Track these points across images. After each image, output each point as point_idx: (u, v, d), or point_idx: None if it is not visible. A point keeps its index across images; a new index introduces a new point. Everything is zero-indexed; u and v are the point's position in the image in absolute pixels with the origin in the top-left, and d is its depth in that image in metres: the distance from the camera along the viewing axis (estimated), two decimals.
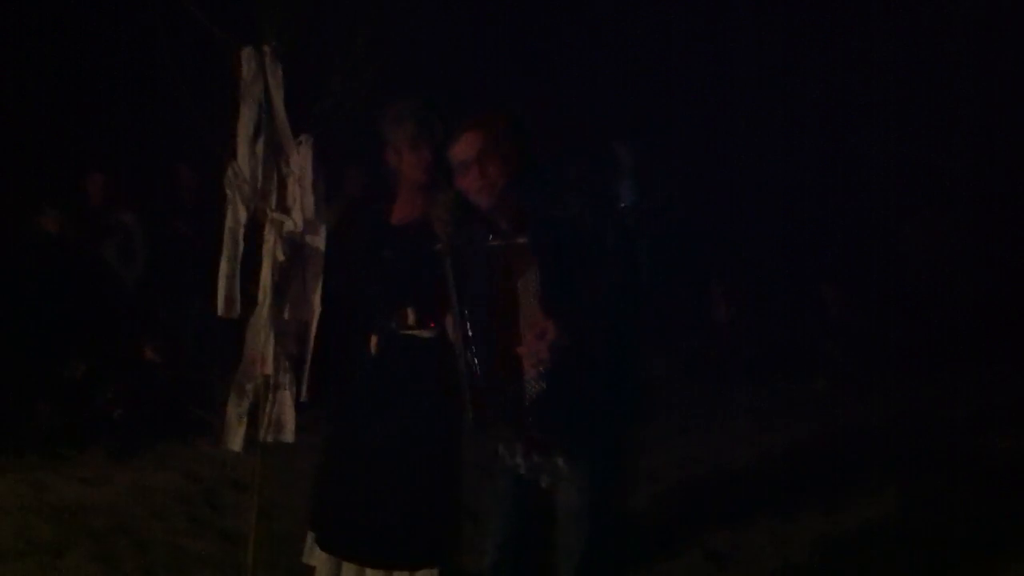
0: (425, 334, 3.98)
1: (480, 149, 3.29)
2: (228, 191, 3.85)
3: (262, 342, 3.72)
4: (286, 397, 3.76)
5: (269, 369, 3.72)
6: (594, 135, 9.21)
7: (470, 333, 3.28)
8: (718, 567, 4.90)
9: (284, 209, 3.80)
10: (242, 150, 3.82)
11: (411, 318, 3.97)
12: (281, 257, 3.73)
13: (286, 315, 3.75)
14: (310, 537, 4.15)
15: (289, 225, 3.78)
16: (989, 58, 10.14)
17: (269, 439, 3.79)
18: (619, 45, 10.56)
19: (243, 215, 3.82)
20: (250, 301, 3.77)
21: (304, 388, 3.74)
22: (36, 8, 8.45)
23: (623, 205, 7.83)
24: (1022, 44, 9.87)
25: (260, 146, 3.77)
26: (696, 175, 10.33)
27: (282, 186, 3.82)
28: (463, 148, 3.33)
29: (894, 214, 10.38)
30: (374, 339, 4.07)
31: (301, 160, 3.77)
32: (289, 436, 3.79)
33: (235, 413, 3.72)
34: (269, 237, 3.78)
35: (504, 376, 3.18)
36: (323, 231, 3.76)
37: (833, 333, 8.99)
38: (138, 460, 6.26)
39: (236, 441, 3.74)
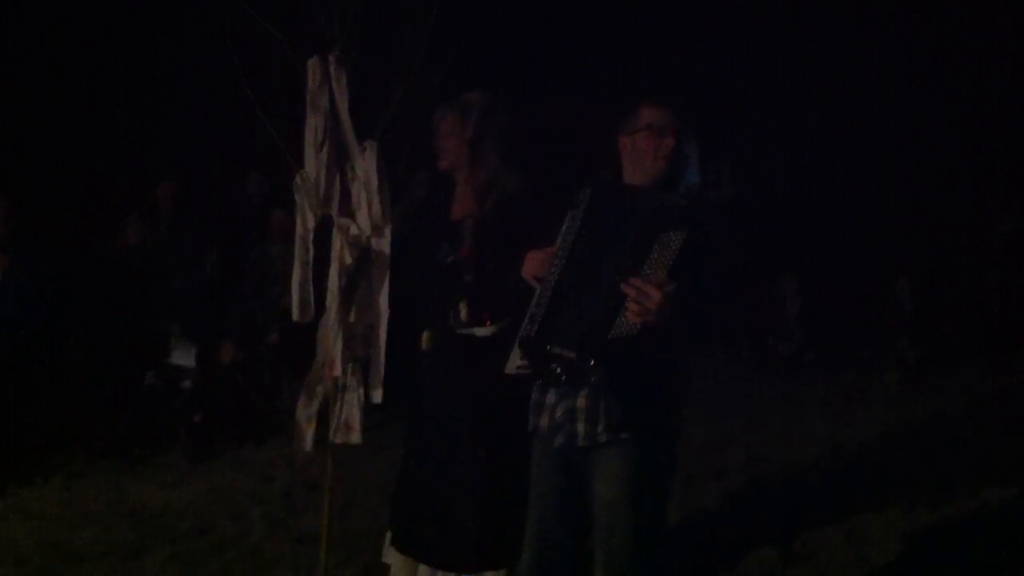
0: (480, 332, 3.97)
1: (673, 118, 3.41)
2: (297, 198, 3.94)
3: (331, 345, 3.78)
4: (354, 399, 3.83)
5: (338, 371, 3.79)
6: None
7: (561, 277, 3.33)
8: (795, 566, 4.86)
9: (350, 214, 3.87)
10: (309, 157, 3.90)
11: (464, 312, 3.97)
12: (348, 261, 3.80)
13: (353, 318, 3.82)
14: (388, 535, 4.20)
15: (355, 229, 3.84)
16: None
17: (338, 440, 3.86)
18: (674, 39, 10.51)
19: (311, 221, 3.90)
20: (321, 305, 3.84)
21: (376, 390, 3.80)
22: (97, 23, 8.63)
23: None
24: None
25: (326, 153, 3.84)
26: (767, 166, 10.26)
27: (348, 191, 3.89)
28: (660, 114, 3.42)
29: (967, 206, 10.21)
30: (426, 335, 4.08)
31: (366, 165, 3.83)
32: (357, 437, 3.86)
33: (305, 415, 3.79)
34: (336, 242, 3.85)
35: (597, 306, 3.24)
36: (389, 234, 3.81)
37: (905, 326, 8.87)
38: (215, 463, 6.37)
39: (307, 442, 3.81)
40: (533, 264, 3.45)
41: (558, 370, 3.35)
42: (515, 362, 3.44)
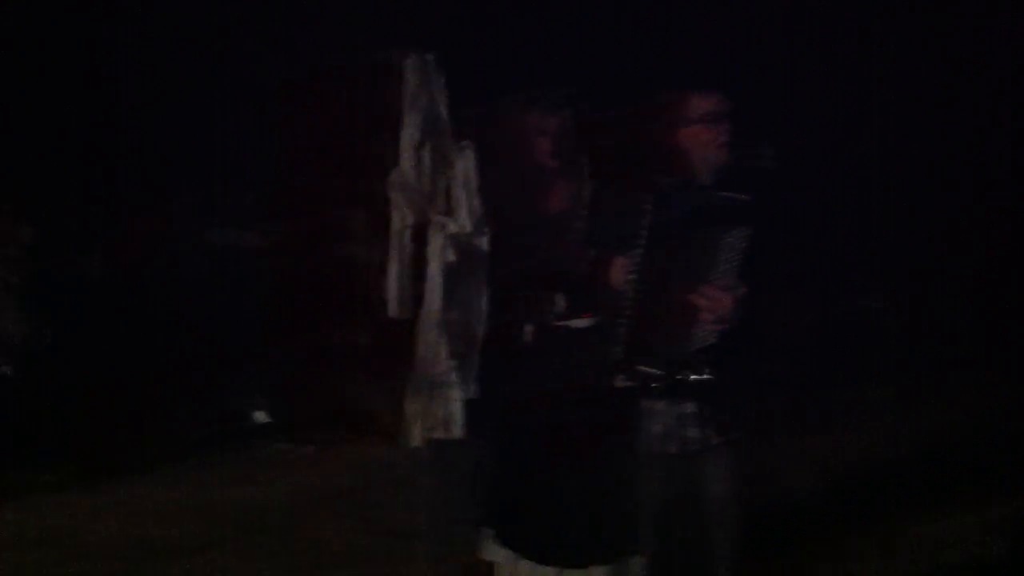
0: (577, 323, 3.98)
1: (724, 106, 3.40)
2: (393, 195, 3.99)
3: (431, 341, 3.83)
4: (454, 394, 3.87)
5: (438, 367, 3.83)
6: None
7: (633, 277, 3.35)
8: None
9: (448, 212, 3.92)
10: (407, 156, 3.95)
11: (560, 304, 3.99)
12: (447, 259, 3.84)
13: (453, 315, 3.86)
14: (485, 531, 4.22)
15: (453, 227, 3.89)
16: None
17: (438, 436, 3.90)
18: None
19: (409, 218, 3.95)
20: (418, 302, 3.88)
21: (472, 385, 3.83)
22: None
23: None
24: None
25: (425, 152, 3.89)
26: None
27: (445, 190, 3.94)
28: (708, 103, 3.41)
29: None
30: (528, 329, 4.10)
31: (464, 164, 3.88)
32: (457, 432, 3.90)
33: (410, 410, 3.84)
34: (435, 240, 3.89)
35: (672, 322, 3.26)
36: (488, 232, 3.85)
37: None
38: (295, 462, 6.43)
39: (413, 438, 3.86)
40: (615, 271, 3.48)
41: (655, 385, 3.39)
42: (618, 379, 3.49)
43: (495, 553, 4.15)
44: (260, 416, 6.55)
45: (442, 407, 3.92)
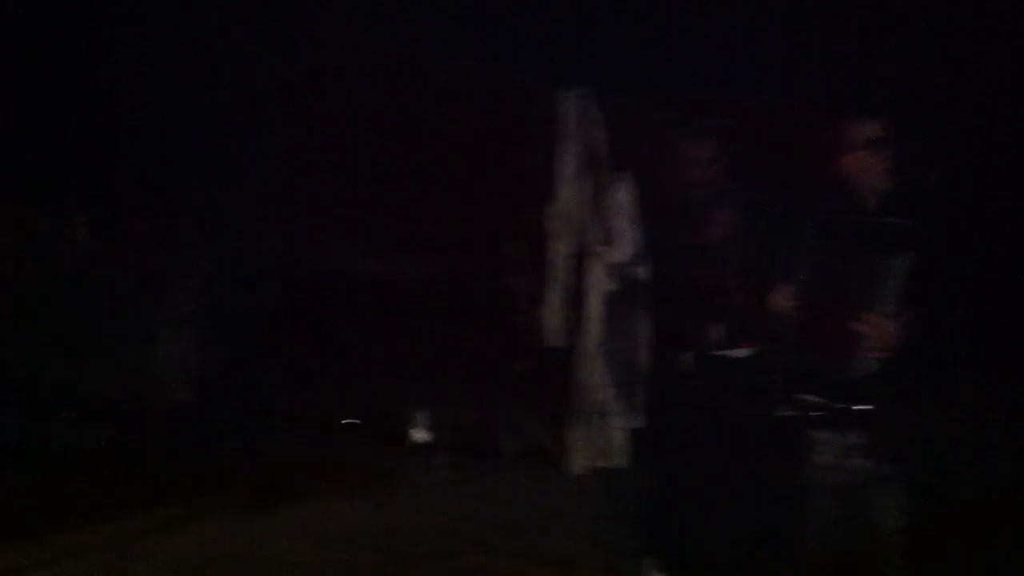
0: (736, 353, 3.99)
1: (885, 135, 3.37)
2: (551, 226, 4.06)
3: (593, 370, 3.88)
4: (616, 423, 3.90)
5: (600, 396, 3.88)
6: None
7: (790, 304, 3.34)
8: None
9: (607, 242, 3.97)
10: (565, 187, 4.02)
11: (720, 334, 4.00)
12: (608, 288, 3.89)
13: (615, 344, 3.90)
14: (650, 561, 4.23)
15: (613, 257, 3.94)
16: None
17: (600, 464, 3.94)
18: None
19: (567, 248, 4.01)
20: (578, 331, 3.94)
21: (637, 414, 3.87)
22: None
23: None
24: None
25: (583, 183, 3.96)
26: None
27: (605, 221, 4.00)
28: (874, 128, 3.39)
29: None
30: (682, 357, 4.12)
31: (622, 195, 3.93)
32: (619, 461, 3.93)
33: (573, 438, 3.89)
34: (595, 269, 3.95)
35: (834, 350, 3.23)
36: (647, 262, 3.89)
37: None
38: (449, 490, 6.47)
39: (575, 465, 3.91)
40: (775, 299, 3.48)
41: (820, 414, 3.37)
42: (780, 409, 3.48)
43: None
44: (421, 436, 6.64)
45: (604, 436, 3.97)
